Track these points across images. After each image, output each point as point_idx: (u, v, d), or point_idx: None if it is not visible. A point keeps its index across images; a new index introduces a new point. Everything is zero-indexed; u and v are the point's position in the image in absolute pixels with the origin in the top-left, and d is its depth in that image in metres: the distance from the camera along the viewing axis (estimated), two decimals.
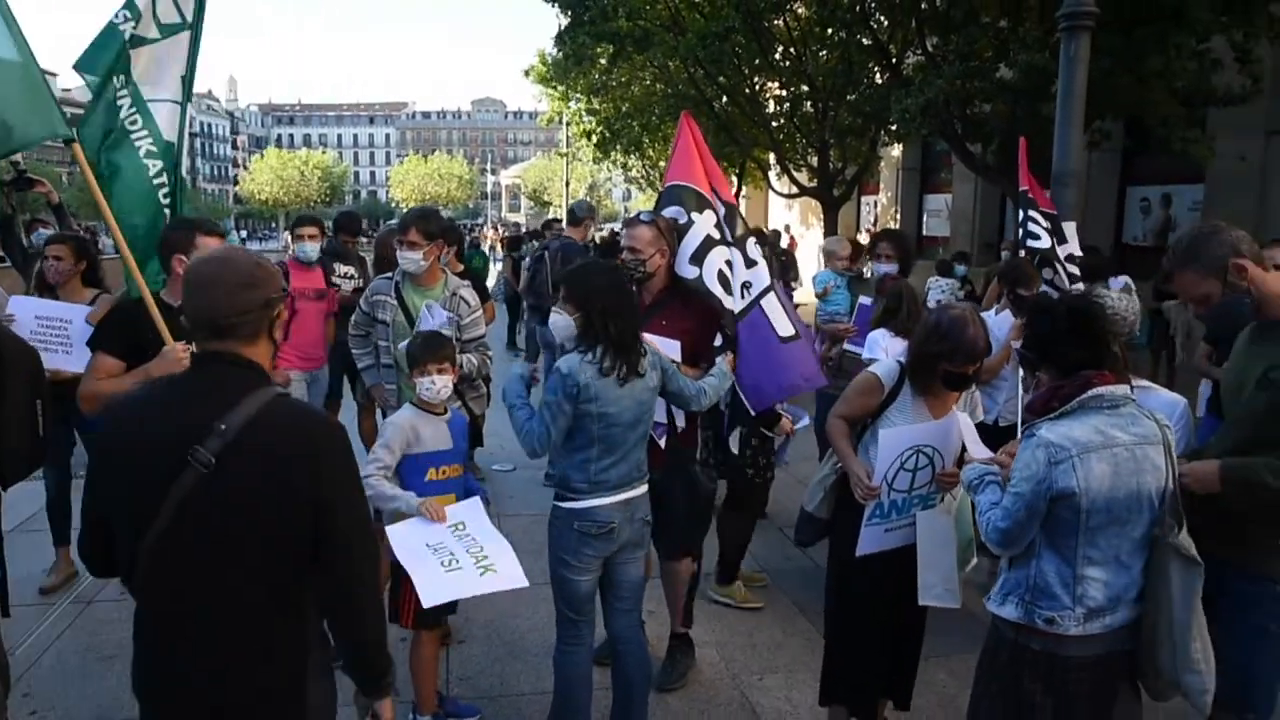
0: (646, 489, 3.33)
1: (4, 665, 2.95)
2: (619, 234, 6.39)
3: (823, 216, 16.16)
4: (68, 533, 5.07)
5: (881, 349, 4.41)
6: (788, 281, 11.09)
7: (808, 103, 15.11)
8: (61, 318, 4.36)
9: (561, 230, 10.94)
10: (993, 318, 4.89)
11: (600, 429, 3.10)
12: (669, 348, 3.51)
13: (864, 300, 5.39)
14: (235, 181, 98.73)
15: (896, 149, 18.11)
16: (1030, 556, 2.49)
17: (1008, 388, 4.78)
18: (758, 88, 16.20)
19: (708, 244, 3.74)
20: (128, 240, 3.67)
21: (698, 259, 3.71)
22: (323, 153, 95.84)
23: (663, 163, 17.46)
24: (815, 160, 15.66)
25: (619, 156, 21.05)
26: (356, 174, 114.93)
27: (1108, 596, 2.42)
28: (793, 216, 24.17)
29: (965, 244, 16.74)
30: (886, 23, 12.35)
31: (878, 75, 12.73)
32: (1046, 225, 5.56)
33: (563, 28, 16.04)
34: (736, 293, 3.80)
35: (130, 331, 3.35)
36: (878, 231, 5.95)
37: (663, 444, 3.64)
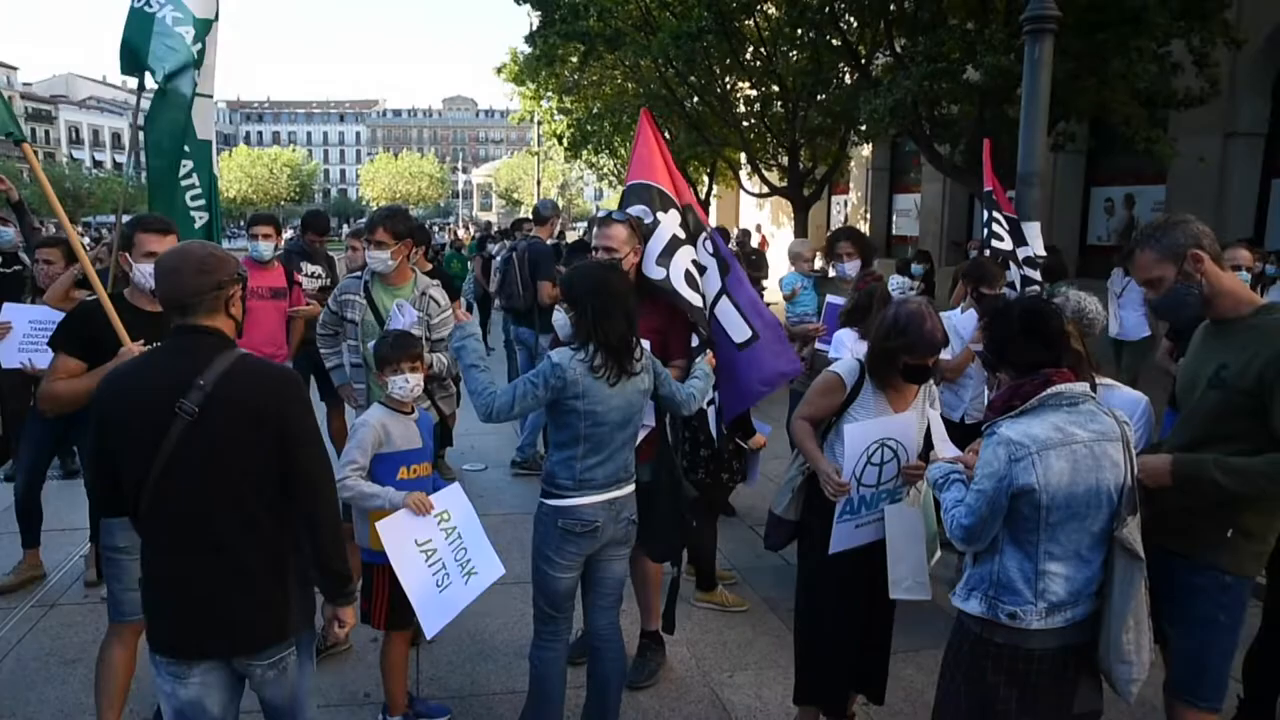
0: (633, 489, 3.34)
1: None
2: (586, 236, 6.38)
3: (793, 216, 16.24)
4: (38, 535, 5.01)
5: (847, 349, 4.45)
6: (758, 280, 11.17)
7: (778, 103, 15.18)
8: (54, 321, 4.35)
9: (532, 230, 10.93)
10: (958, 316, 4.95)
11: (587, 427, 3.11)
12: None
13: (832, 300, 5.43)
14: None
15: (866, 149, 18.27)
16: (993, 553, 2.53)
17: (974, 385, 4.84)
18: (728, 87, 16.24)
19: (674, 243, 3.74)
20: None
21: (664, 259, 3.71)
22: (292, 150, 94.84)
23: None
24: (785, 160, 15.74)
25: (589, 156, 21.03)
26: (326, 172, 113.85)
27: (1069, 591, 2.47)
28: (764, 216, 24.29)
29: (934, 243, 16.94)
30: (855, 24, 12.43)
31: (847, 76, 12.82)
32: (1008, 226, 5.64)
33: (534, 27, 16.02)
34: (715, 281, 3.83)
35: (89, 332, 3.29)
36: (835, 231, 5.98)
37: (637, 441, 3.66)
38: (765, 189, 16.87)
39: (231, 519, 2.32)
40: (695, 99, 16.14)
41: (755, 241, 18.83)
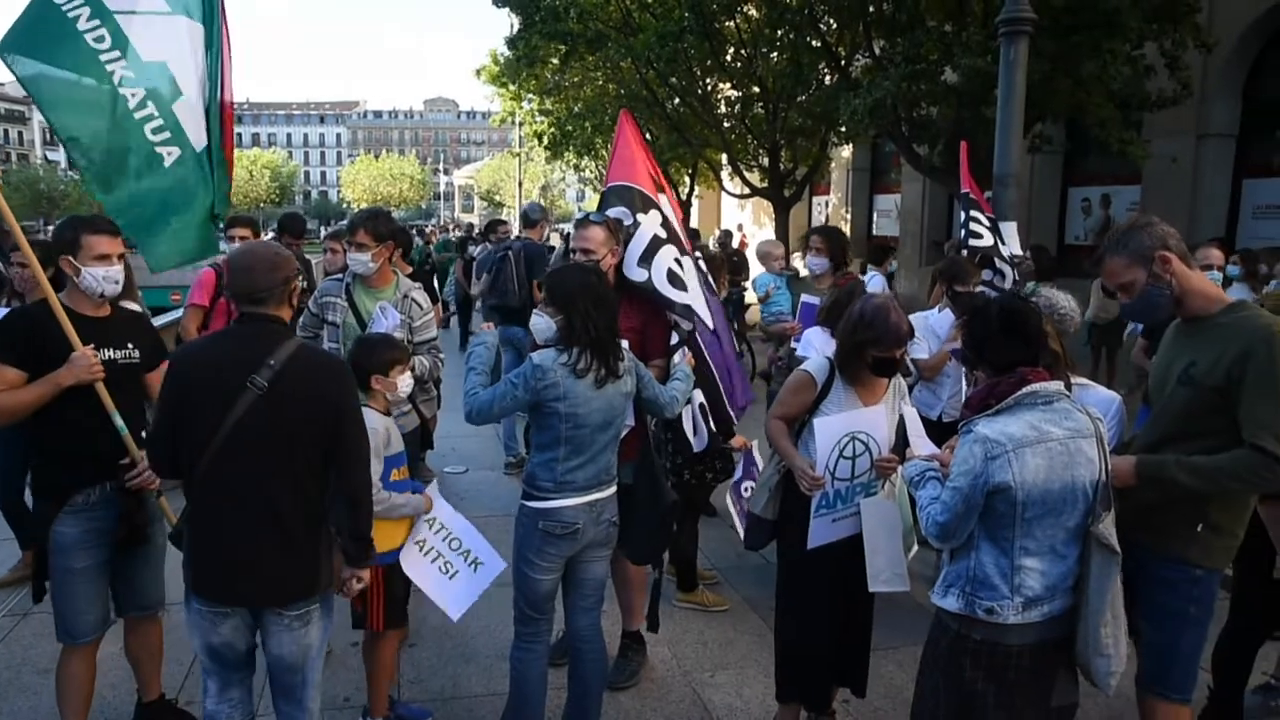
0: (614, 491, 3.36)
1: None
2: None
3: (774, 216, 16.29)
4: (31, 535, 4.92)
5: (815, 349, 4.48)
6: (738, 282, 11.20)
7: (758, 104, 15.21)
8: None
9: (509, 232, 10.97)
10: (935, 316, 4.99)
11: (568, 429, 3.12)
12: None
13: (807, 299, 5.46)
14: None
15: (846, 150, 18.34)
16: (969, 549, 2.56)
17: (951, 384, 4.88)
18: (709, 88, 16.27)
19: (655, 243, 3.76)
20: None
21: (646, 260, 3.73)
22: (272, 152, 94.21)
23: None
24: (766, 161, 15.79)
25: (571, 157, 21.02)
26: (307, 174, 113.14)
27: (1045, 586, 2.50)
28: (745, 216, 24.34)
29: (914, 243, 17.04)
30: (835, 25, 12.49)
31: (827, 77, 12.88)
32: (989, 224, 5.68)
33: (515, 29, 16.00)
34: (696, 288, 3.84)
35: (31, 339, 3.11)
36: (811, 229, 6.04)
37: None
38: (746, 190, 16.91)
39: (284, 485, 2.63)
40: (676, 100, 16.17)
41: (736, 242, 18.89)
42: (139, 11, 3.81)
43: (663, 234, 3.80)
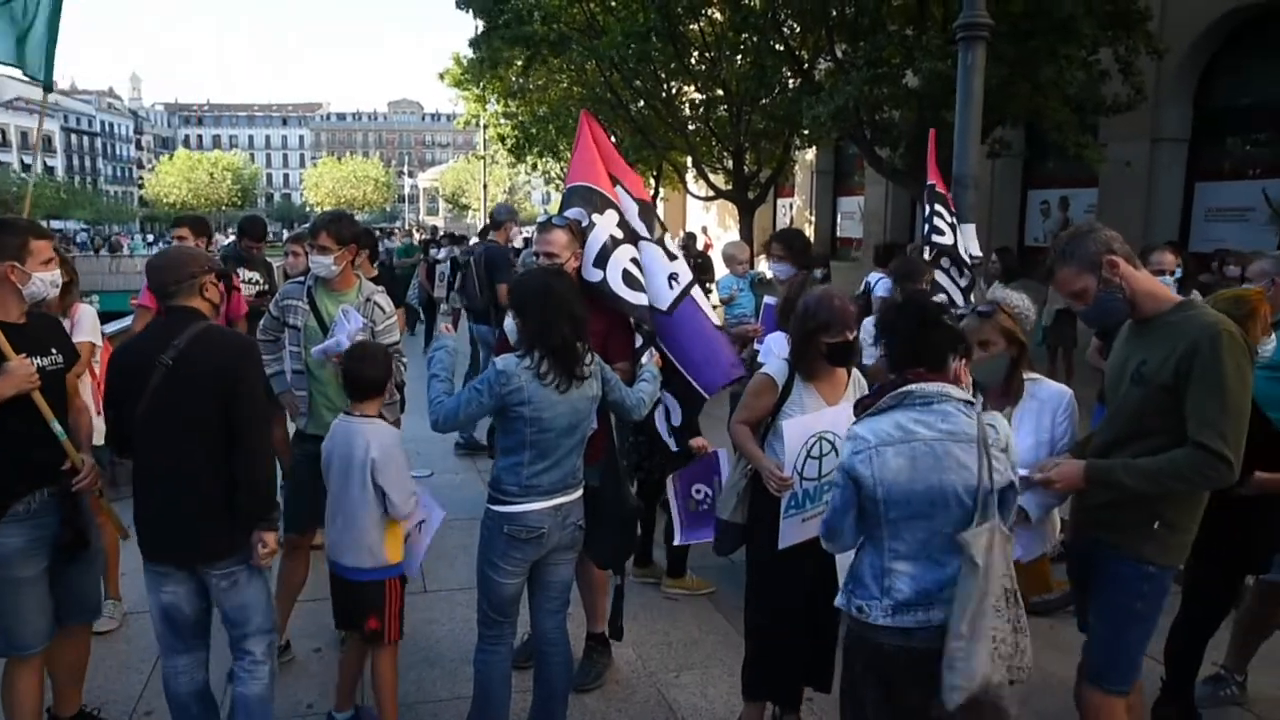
0: (580, 494, 3.35)
1: None
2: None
3: (739, 219, 16.39)
4: None
5: (774, 355, 4.50)
6: (704, 283, 11.22)
7: (722, 106, 15.30)
8: None
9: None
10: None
11: (533, 433, 3.12)
12: None
13: (770, 301, 5.49)
14: (140, 184, 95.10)
15: (810, 152, 18.50)
16: (858, 550, 2.63)
17: None
18: (674, 91, 16.33)
19: (611, 244, 3.75)
20: None
21: (600, 262, 3.73)
22: (234, 154, 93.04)
23: None
24: (730, 163, 15.88)
25: (534, 160, 20.99)
26: (269, 176, 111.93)
27: (915, 591, 2.47)
28: (710, 218, 24.45)
29: (878, 245, 17.21)
30: (798, 29, 12.60)
31: (790, 80, 12.99)
32: (951, 220, 5.68)
33: (479, 32, 15.94)
34: (662, 285, 3.84)
35: None
36: (774, 233, 6.05)
37: None
38: (711, 192, 16.99)
39: (197, 452, 2.94)
40: (641, 103, 16.20)
41: (701, 244, 18.93)
42: None
43: (619, 234, 3.79)
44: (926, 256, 5.50)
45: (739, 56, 14.15)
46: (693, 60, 15.01)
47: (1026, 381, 3.45)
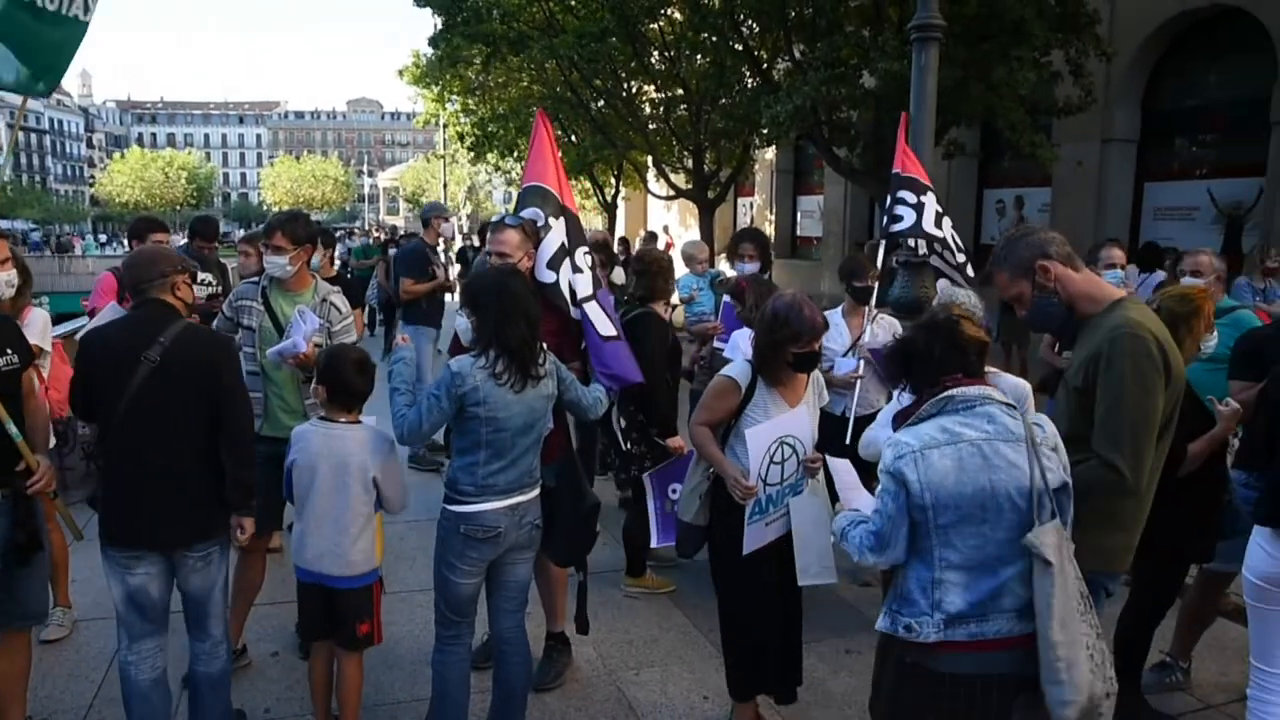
0: (537, 494, 3.35)
1: None
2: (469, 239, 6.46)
3: (699, 218, 16.45)
4: None
5: (740, 352, 4.54)
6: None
7: (682, 106, 15.36)
8: None
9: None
10: (834, 314, 5.06)
11: (489, 433, 3.11)
12: None
13: (730, 300, 5.54)
14: (91, 183, 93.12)
15: (770, 152, 18.61)
16: (902, 568, 2.46)
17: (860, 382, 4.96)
18: (633, 91, 16.36)
19: (562, 251, 3.79)
20: None
21: (555, 264, 3.75)
22: (188, 153, 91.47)
23: None
24: (691, 163, 15.93)
25: (495, 159, 20.89)
26: (226, 175, 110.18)
27: (968, 601, 2.33)
28: (671, 218, 24.51)
29: (837, 243, 17.39)
30: (757, 29, 12.67)
31: (749, 80, 13.07)
32: (915, 201, 5.43)
33: (437, 29, 15.84)
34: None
35: None
36: (739, 231, 6.05)
37: None
38: (671, 191, 17.04)
39: (179, 444, 3.06)
40: (601, 102, 16.21)
41: (662, 244, 18.98)
42: None
43: (567, 243, 3.82)
44: (881, 250, 5.48)
45: (698, 56, 14.20)
46: (653, 60, 15.04)
47: (987, 376, 3.49)
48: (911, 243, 5.41)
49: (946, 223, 5.46)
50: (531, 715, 3.67)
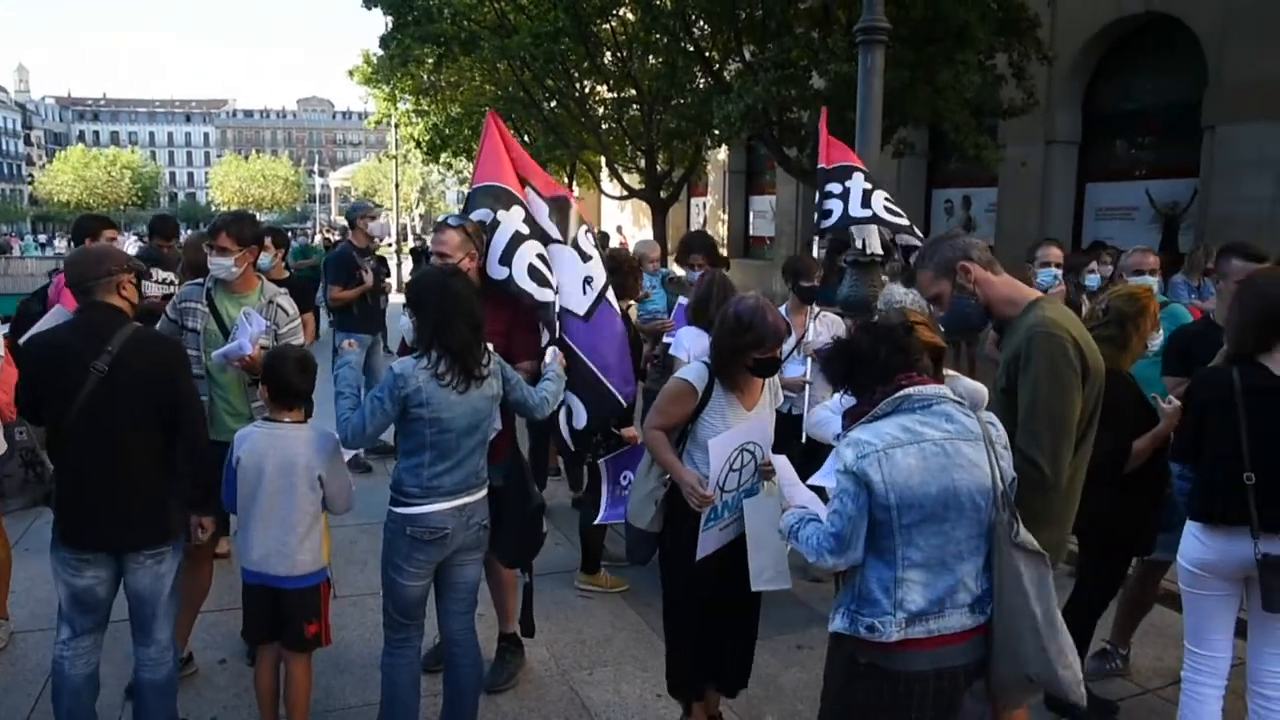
0: (485, 494, 3.34)
1: None
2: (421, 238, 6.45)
3: (652, 218, 16.49)
4: None
5: (684, 348, 4.58)
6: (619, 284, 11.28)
7: (635, 106, 15.37)
8: None
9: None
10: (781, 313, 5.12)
11: (433, 434, 3.10)
12: None
13: (683, 300, 5.57)
14: (30, 181, 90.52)
15: (723, 152, 18.71)
16: (859, 568, 2.43)
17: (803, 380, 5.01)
18: (586, 91, 16.33)
19: (516, 240, 3.75)
20: None
21: (506, 258, 3.73)
22: (132, 152, 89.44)
23: None
24: (643, 163, 15.95)
25: (449, 160, 20.73)
26: (173, 175, 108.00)
27: (928, 599, 2.34)
28: (625, 218, 24.54)
29: (789, 243, 17.52)
30: (708, 30, 12.73)
31: (701, 81, 13.12)
32: (841, 190, 5.48)
33: (388, 29, 15.68)
34: (576, 290, 3.87)
35: None
36: (688, 238, 6.08)
37: None
38: (624, 191, 17.05)
39: (132, 449, 3.07)
40: (553, 102, 16.16)
41: (616, 243, 19.00)
42: None
43: (525, 230, 3.79)
44: (815, 247, 5.55)
45: (651, 56, 14.23)
46: (605, 60, 15.03)
47: (946, 379, 3.52)
48: (859, 243, 5.51)
49: (877, 197, 5.50)
50: (484, 717, 3.67)
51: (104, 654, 3.32)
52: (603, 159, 17.19)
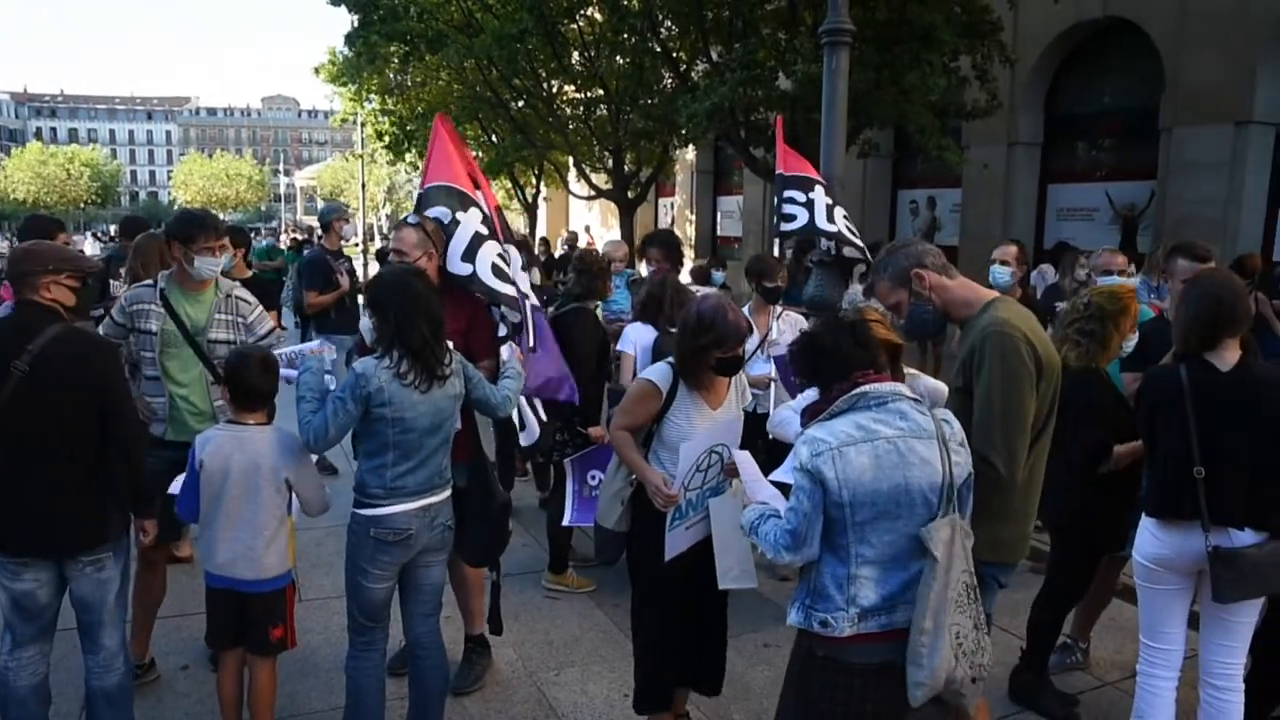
0: (449, 495, 3.32)
1: None
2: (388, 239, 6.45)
3: (619, 217, 16.50)
4: None
5: (632, 342, 4.65)
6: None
7: (602, 106, 15.37)
8: None
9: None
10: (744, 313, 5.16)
11: (396, 434, 3.08)
12: None
13: None
14: None
15: (690, 153, 18.78)
16: (815, 564, 2.47)
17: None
18: (553, 90, 16.30)
19: (477, 240, 3.79)
20: None
21: (469, 256, 3.74)
22: (92, 149, 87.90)
23: None
24: (611, 163, 15.95)
25: (415, 159, 20.60)
26: (134, 173, 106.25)
27: (881, 596, 2.38)
28: (593, 217, 24.53)
29: (757, 243, 17.61)
30: (675, 30, 12.76)
31: (668, 81, 13.16)
32: (805, 200, 5.59)
33: (354, 27, 15.55)
34: (522, 281, 3.91)
35: None
36: (647, 235, 6.11)
37: None
38: (592, 191, 17.04)
39: (60, 452, 2.99)
40: (520, 102, 16.11)
41: (584, 243, 18.98)
42: None
43: (484, 230, 3.84)
44: (777, 248, 5.61)
45: (618, 56, 14.23)
46: (572, 60, 15.02)
47: (906, 377, 3.56)
48: (824, 243, 5.58)
49: (838, 213, 5.65)
50: (451, 719, 3.65)
51: (59, 663, 3.29)
52: (570, 159, 17.16)
